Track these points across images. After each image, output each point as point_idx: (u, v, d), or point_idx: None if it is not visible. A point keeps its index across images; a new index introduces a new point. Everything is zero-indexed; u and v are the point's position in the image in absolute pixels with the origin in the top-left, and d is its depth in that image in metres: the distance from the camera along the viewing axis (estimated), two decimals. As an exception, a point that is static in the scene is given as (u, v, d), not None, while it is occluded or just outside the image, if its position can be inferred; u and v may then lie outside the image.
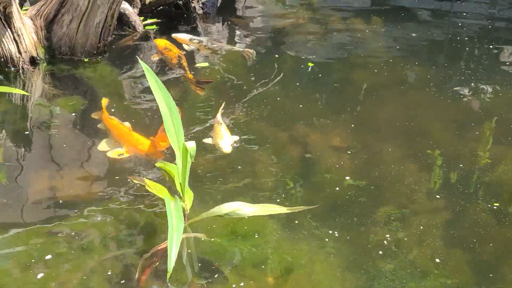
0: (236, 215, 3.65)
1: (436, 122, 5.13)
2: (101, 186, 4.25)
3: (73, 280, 3.42)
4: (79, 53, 6.12)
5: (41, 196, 4.13)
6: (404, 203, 4.11)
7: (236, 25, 7.51)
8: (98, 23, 6.00)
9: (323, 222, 3.90)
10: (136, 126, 4.84)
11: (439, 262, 3.62)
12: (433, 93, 5.69)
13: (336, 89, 5.80)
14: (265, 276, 3.49)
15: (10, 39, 5.75)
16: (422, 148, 4.71)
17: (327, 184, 4.29)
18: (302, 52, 6.61)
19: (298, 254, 3.64)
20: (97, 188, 4.22)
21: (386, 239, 3.76)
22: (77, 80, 5.83)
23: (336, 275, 3.50)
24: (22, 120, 5.17)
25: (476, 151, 4.74)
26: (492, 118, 5.23)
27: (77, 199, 4.09)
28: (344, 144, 4.78)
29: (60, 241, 3.71)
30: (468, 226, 3.91)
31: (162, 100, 3.76)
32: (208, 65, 6.20)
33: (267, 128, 4.96)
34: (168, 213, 3.36)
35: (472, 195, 4.21)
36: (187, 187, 3.77)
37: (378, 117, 5.21)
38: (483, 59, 6.49)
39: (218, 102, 5.19)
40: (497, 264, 3.63)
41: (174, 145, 3.72)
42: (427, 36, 7.22)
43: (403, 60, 6.46)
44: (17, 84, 5.67)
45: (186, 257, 3.61)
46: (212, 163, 4.47)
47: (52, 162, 4.54)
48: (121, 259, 3.58)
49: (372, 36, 7.12)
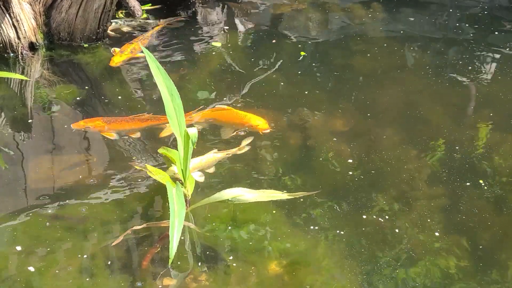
0: (237, 201, 3.65)
1: (436, 107, 5.13)
2: (103, 171, 4.25)
3: (73, 266, 3.43)
4: (78, 38, 6.09)
5: (41, 181, 4.14)
6: (403, 189, 4.12)
7: (235, 10, 7.47)
8: (97, 8, 5.96)
9: (324, 207, 3.91)
10: (140, 110, 4.83)
11: (439, 246, 3.63)
12: (433, 78, 5.67)
13: (335, 75, 5.79)
14: (266, 261, 3.50)
15: (9, 24, 5.71)
16: (422, 134, 4.71)
17: (328, 168, 4.30)
18: (302, 38, 6.58)
19: (298, 240, 3.65)
20: (98, 174, 4.22)
21: (385, 225, 3.78)
22: (76, 65, 5.81)
23: (337, 262, 3.51)
24: (21, 106, 5.16)
25: (475, 136, 4.74)
26: (492, 103, 5.23)
27: (77, 185, 4.09)
28: (344, 128, 4.79)
29: (62, 226, 3.71)
30: (466, 212, 3.92)
31: (164, 85, 3.75)
32: (221, 45, 6.32)
33: (267, 113, 4.95)
34: (169, 199, 3.36)
35: (470, 181, 4.21)
36: (189, 173, 3.78)
37: (377, 102, 5.19)
38: (483, 44, 6.47)
39: (219, 88, 5.18)
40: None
41: (175, 131, 3.72)
42: (427, 22, 7.20)
43: (402, 45, 6.45)
44: (16, 70, 5.66)
45: (188, 243, 3.62)
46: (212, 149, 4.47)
47: (52, 148, 4.54)
48: (123, 244, 3.59)
49: (372, 22, 7.10)
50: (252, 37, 6.65)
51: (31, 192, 4.04)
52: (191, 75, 5.64)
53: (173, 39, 6.50)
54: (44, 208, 3.87)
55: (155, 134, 4.62)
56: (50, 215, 3.81)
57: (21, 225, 3.72)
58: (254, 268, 3.45)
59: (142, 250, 3.54)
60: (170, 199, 3.34)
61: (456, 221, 3.85)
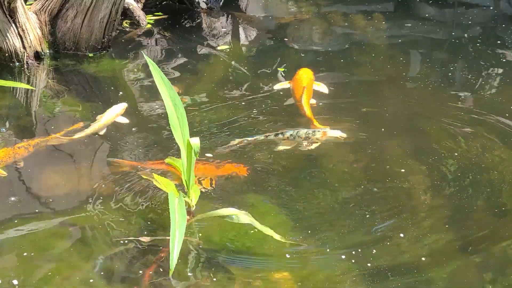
0: (238, 221, 3.62)
1: (438, 117, 5.12)
2: (108, 180, 4.26)
3: (76, 276, 3.43)
4: (83, 48, 6.12)
5: (44, 190, 4.15)
6: (404, 201, 4.09)
7: (240, 20, 7.51)
8: (102, 18, 6.00)
9: (324, 222, 3.91)
10: (144, 120, 4.83)
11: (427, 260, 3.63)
12: (436, 88, 5.67)
13: (339, 83, 5.79)
14: (269, 271, 3.49)
15: (14, 34, 5.75)
16: (424, 144, 4.69)
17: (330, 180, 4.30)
18: (306, 47, 6.60)
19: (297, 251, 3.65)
20: (103, 183, 4.23)
21: (389, 236, 3.76)
22: (82, 75, 5.84)
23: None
24: (26, 115, 5.18)
25: (477, 147, 4.71)
26: (493, 113, 5.21)
27: (82, 194, 4.10)
28: (347, 139, 4.78)
29: (66, 234, 3.72)
30: (467, 225, 3.91)
31: (167, 94, 3.76)
32: (228, 47, 6.46)
33: (269, 122, 4.96)
34: (170, 209, 3.35)
35: (471, 192, 4.19)
36: (193, 183, 3.78)
37: (380, 112, 5.19)
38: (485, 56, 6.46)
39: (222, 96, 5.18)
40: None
41: (179, 141, 3.73)
42: (430, 32, 7.22)
43: (405, 55, 6.46)
44: (22, 79, 5.68)
45: (190, 254, 3.61)
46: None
47: (55, 157, 4.55)
48: (127, 253, 3.59)
49: (376, 32, 7.12)
50: (256, 46, 6.67)
51: (33, 201, 4.06)
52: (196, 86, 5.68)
53: (176, 48, 6.54)
54: (47, 217, 3.88)
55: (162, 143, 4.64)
56: (52, 224, 3.82)
57: (24, 234, 3.73)
58: (257, 276, 3.44)
59: (146, 261, 3.54)
60: (171, 210, 3.33)
61: (457, 232, 3.82)
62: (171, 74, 5.80)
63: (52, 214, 3.92)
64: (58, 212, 3.93)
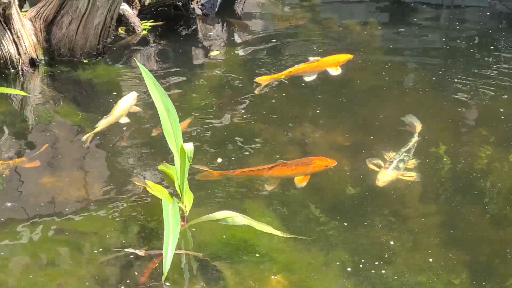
0: (233, 223, 3.64)
1: (436, 123, 5.14)
2: (104, 186, 4.26)
3: (71, 282, 3.43)
4: (78, 54, 6.13)
5: (43, 196, 4.15)
6: (398, 208, 4.10)
7: (235, 26, 7.52)
8: (97, 24, 6.01)
9: (321, 225, 3.92)
10: (137, 125, 4.85)
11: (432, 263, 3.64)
12: (432, 93, 5.68)
13: (335, 90, 5.80)
14: (264, 275, 3.49)
15: (9, 40, 5.76)
16: (421, 150, 4.70)
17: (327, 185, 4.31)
18: (301, 53, 6.61)
19: (293, 255, 3.64)
20: (98, 189, 4.23)
21: (384, 241, 3.77)
22: (77, 81, 5.85)
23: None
24: (20, 122, 5.18)
25: (474, 153, 4.72)
26: (492, 118, 5.22)
27: (78, 200, 4.10)
28: (344, 144, 4.79)
29: (63, 240, 3.72)
30: (464, 228, 3.91)
31: (160, 101, 3.78)
32: (219, 53, 6.60)
33: (266, 128, 4.97)
34: (164, 215, 3.36)
35: (468, 197, 4.20)
36: (187, 188, 3.78)
37: (377, 119, 5.20)
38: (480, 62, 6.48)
39: (218, 103, 5.19)
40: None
41: (172, 147, 3.73)
42: (425, 37, 7.24)
43: (400, 61, 6.47)
44: (17, 86, 5.69)
45: (184, 258, 3.62)
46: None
47: (51, 163, 4.55)
48: (121, 259, 3.59)
49: (372, 37, 7.14)
50: (250, 52, 6.68)
51: (31, 207, 4.05)
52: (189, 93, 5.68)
53: (172, 54, 6.55)
54: (44, 223, 3.87)
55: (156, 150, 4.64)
56: (50, 230, 3.81)
57: (20, 239, 3.73)
58: (252, 282, 3.44)
59: (141, 266, 3.54)
60: (165, 215, 3.35)
61: (453, 236, 3.84)
62: (166, 80, 5.80)
63: (47, 220, 3.92)
64: (53, 218, 3.93)
